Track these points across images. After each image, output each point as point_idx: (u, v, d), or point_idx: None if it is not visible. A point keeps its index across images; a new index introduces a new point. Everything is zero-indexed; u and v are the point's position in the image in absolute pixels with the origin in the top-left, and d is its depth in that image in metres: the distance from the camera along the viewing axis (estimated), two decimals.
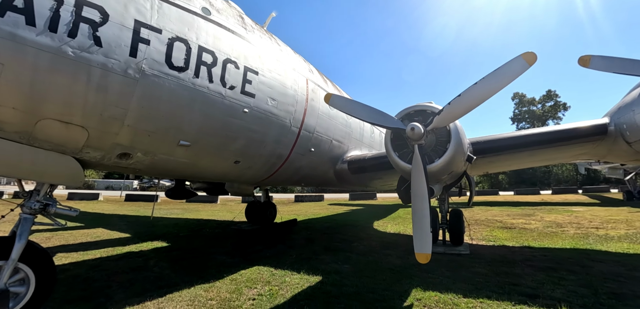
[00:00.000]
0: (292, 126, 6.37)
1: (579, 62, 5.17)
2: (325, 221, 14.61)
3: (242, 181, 7.43)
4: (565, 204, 21.08)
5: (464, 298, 4.82)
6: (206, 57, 4.60)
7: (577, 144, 7.07)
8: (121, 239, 9.61)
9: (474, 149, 7.32)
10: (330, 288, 5.42)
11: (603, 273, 6.02)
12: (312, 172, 8.13)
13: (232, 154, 5.58)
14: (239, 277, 6.09)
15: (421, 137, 4.97)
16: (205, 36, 4.63)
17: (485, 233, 10.81)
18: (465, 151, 5.75)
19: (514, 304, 4.58)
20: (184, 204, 23.91)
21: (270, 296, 5.12)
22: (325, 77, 8.51)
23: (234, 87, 4.99)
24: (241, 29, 5.35)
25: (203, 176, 6.43)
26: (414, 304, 4.68)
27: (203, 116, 4.72)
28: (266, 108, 5.62)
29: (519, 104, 62.12)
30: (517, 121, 61.81)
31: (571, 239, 9.15)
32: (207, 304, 4.81)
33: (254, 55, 5.38)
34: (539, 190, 37.01)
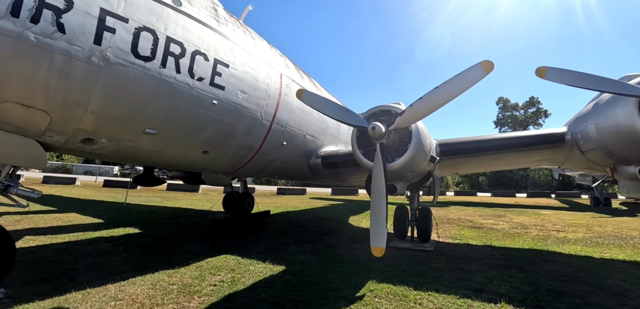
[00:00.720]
0: (264, 119, 6.56)
1: (536, 73, 5.54)
2: (303, 214, 14.92)
3: (213, 171, 7.59)
4: (536, 207, 22.11)
5: (414, 290, 5.18)
6: (174, 47, 4.74)
7: (536, 150, 7.55)
8: (93, 225, 9.63)
9: (441, 150, 7.73)
10: (290, 277, 5.70)
11: (551, 273, 6.48)
12: (285, 165, 8.36)
13: (201, 144, 5.75)
14: (205, 264, 6.30)
15: (382, 136, 5.27)
16: (174, 27, 4.76)
17: (454, 231, 11.32)
18: (427, 151, 6.09)
19: (459, 297, 4.95)
20: (164, 193, 23.78)
21: (231, 282, 5.36)
22: (303, 72, 8.71)
23: (202, 78, 5.14)
24: (213, 21, 5.48)
25: (172, 164, 6.58)
26: (366, 294, 5.00)
27: (170, 105, 4.87)
28: (236, 100, 5.80)
29: (502, 109, 64.37)
30: (500, 125, 63.89)
31: (532, 240, 9.73)
32: (168, 288, 5.01)
33: (225, 47, 5.53)
34: (515, 193, 38.70)
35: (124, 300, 4.54)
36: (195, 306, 4.45)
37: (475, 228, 12.09)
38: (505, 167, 10.17)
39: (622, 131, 5.53)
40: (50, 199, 15.12)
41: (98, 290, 4.80)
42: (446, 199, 31.09)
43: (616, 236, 10.45)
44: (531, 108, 62.38)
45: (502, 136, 7.78)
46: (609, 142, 5.93)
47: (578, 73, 5.29)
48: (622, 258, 7.77)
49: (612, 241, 9.48)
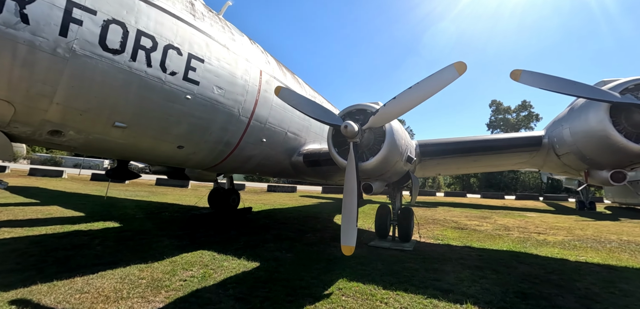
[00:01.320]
0: (242, 115, 6.59)
1: (511, 76, 5.61)
2: (290, 211, 14.96)
3: (190, 166, 7.61)
4: (522, 209, 22.40)
5: (382, 289, 5.24)
6: (145, 41, 4.74)
7: (515, 152, 7.65)
8: (73, 218, 9.60)
9: (421, 151, 7.80)
10: (262, 273, 5.75)
11: (523, 275, 6.57)
12: (266, 162, 8.39)
13: (175, 138, 5.76)
14: (179, 259, 6.32)
15: (355, 135, 5.32)
16: (146, 20, 4.76)
17: (437, 231, 11.43)
18: (402, 151, 6.15)
19: (426, 297, 5.01)
20: (152, 187, 23.68)
21: (201, 278, 5.39)
22: (286, 69, 8.73)
23: (175, 73, 5.15)
24: (189, 15, 5.48)
25: (146, 159, 6.58)
26: (334, 292, 5.05)
27: (140, 99, 4.87)
28: (212, 96, 5.81)
29: (495, 112, 65.24)
30: (492, 127, 64.70)
31: (512, 242, 9.86)
32: (136, 282, 5.04)
33: (200, 42, 5.54)
34: (504, 195, 39.35)
35: (90, 293, 4.56)
36: (160, 301, 4.48)
37: (458, 229, 12.22)
38: (486, 169, 10.29)
39: (594, 136, 5.62)
40: (34, 192, 15.03)
41: (65, 282, 4.81)
42: (435, 200, 31.31)
43: (595, 239, 10.62)
44: (523, 112, 63.20)
45: (481, 138, 7.86)
46: (582, 147, 6.03)
47: (552, 77, 5.37)
48: (597, 261, 7.92)
49: (590, 245, 9.64)
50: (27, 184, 19.22)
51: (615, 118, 5.40)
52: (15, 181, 19.18)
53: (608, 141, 5.37)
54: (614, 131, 5.24)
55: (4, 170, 24.38)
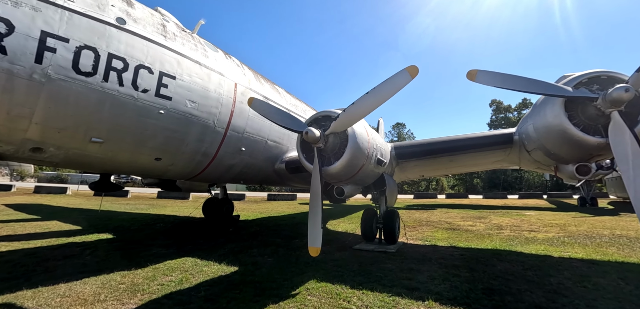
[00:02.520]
0: (217, 126, 7.01)
1: (467, 77, 5.86)
2: (283, 219, 15.30)
3: (170, 177, 8.04)
4: (523, 208, 22.16)
5: (349, 289, 5.47)
6: (116, 63, 5.22)
7: (489, 151, 7.83)
8: (70, 231, 10.16)
9: (396, 153, 8.07)
10: (237, 277, 6.09)
11: (499, 272, 6.66)
12: (249, 171, 8.78)
13: (152, 151, 6.21)
14: (162, 266, 6.72)
15: (317, 140, 5.65)
16: (117, 44, 5.24)
17: (427, 233, 11.56)
18: (368, 154, 6.44)
19: (390, 295, 5.20)
20: (153, 200, 24.39)
21: (179, 282, 5.76)
22: (263, 79, 9.16)
23: (147, 90, 5.61)
24: (160, 36, 5.96)
25: (126, 170, 7.04)
26: (301, 292, 5.34)
27: (114, 116, 5.33)
28: (185, 110, 6.25)
29: (495, 111, 64.78)
30: (493, 127, 64.11)
31: (500, 240, 9.93)
32: (116, 287, 5.44)
33: (171, 61, 6.00)
34: (507, 194, 38.96)
35: (70, 297, 4.98)
36: (134, 303, 4.86)
37: (450, 230, 12.31)
38: (465, 169, 10.42)
39: (553, 131, 5.81)
40: (37, 209, 15.82)
41: (49, 289, 5.25)
42: (435, 202, 31.13)
43: (587, 235, 10.59)
44: (524, 110, 62.44)
45: (453, 138, 8.07)
46: (545, 142, 6.21)
47: (507, 75, 5.60)
48: (580, 256, 7.97)
49: (579, 240, 9.64)
50: (31, 201, 20.13)
51: (571, 112, 5.58)
52: (20, 199, 20.17)
53: (566, 135, 5.54)
54: (569, 125, 5.42)
55: (10, 189, 25.57)
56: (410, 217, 16.14)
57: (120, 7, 5.50)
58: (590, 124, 5.51)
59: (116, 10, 5.42)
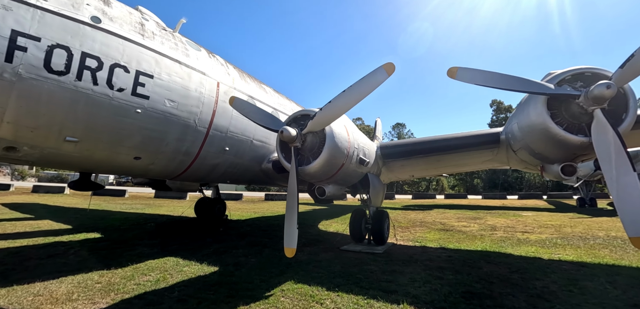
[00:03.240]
0: (199, 126, 6.98)
1: (448, 74, 5.76)
2: (276, 219, 15.27)
3: (152, 176, 8.05)
4: (521, 208, 21.92)
5: (325, 291, 5.39)
6: (90, 62, 5.21)
7: (476, 150, 7.71)
8: (59, 230, 10.23)
9: (382, 152, 7.98)
10: (215, 277, 6.05)
11: (484, 274, 6.52)
12: (234, 170, 8.75)
13: (130, 150, 6.20)
14: (143, 266, 6.71)
15: (294, 139, 5.60)
16: (91, 43, 5.24)
17: (419, 234, 11.45)
18: (348, 153, 6.36)
19: (365, 297, 5.10)
20: (150, 199, 24.52)
21: (155, 282, 5.75)
22: (249, 78, 9.13)
23: (123, 89, 5.60)
24: (138, 35, 5.95)
25: (104, 169, 7.04)
26: (275, 293, 5.28)
27: (89, 115, 5.33)
28: (164, 109, 6.24)
29: (496, 111, 64.32)
30: (493, 127, 63.26)
31: (491, 242, 9.79)
32: (92, 286, 5.44)
33: (149, 60, 5.99)
34: (506, 195, 38.58)
35: (43, 296, 4.98)
36: (106, 302, 4.84)
37: (443, 231, 12.18)
38: (453, 170, 10.29)
39: (536, 129, 5.68)
40: (32, 208, 15.98)
41: (24, 287, 5.26)
42: (433, 203, 30.91)
43: (581, 236, 10.39)
44: None
45: (440, 137, 7.95)
46: (529, 142, 6.08)
47: (487, 72, 5.49)
48: (570, 258, 7.82)
49: (572, 242, 9.46)
50: (28, 201, 20.36)
51: (554, 111, 5.45)
52: (17, 199, 20.42)
53: (548, 134, 5.42)
54: (552, 124, 5.29)
55: (8, 188, 25.92)
56: (405, 218, 16.02)
57: (96, 6, 5.50)
58: (574, 123, 5.38)
59: (91, 9, 5.41)
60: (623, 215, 4.38)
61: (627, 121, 5.04)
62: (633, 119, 5.04)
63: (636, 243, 4.32)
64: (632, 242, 4.35)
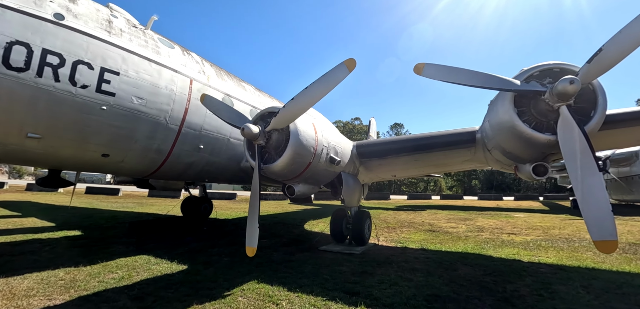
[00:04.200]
0: (170, 124, 6.99)
1: (414, 70, 5.67)
2: (264, 219, 15.22)
3: (125, 173, 8.07)
4: (514, 210, 21.72)
5: (286, 291, 5.32)
6: (52, 58, 5.23)
7: (454, 150, 7.60)
8: (41, 228, 10.31)
9: (358, 151, 7.93)
10: (181, 276, 6.04)
11: (457, 277, 6.38)
12: (212, 169, 8.75)
13: (97, 147, 6.22)
14: (113, 263, 6.72)
15: (256, 137, 5.58)
16: (53, 39, 5.26)
17: (404, 234, 11.35)
18: (316, 152, 6.29)
19: (324, 299, 5.00)
20: (144, 198, 24.67)
21: (119, 279, 5.75)
22: (227, 75, 9.12)
23: (86, 86, 5.62)
24: (104, 32, 5.97)
25: (72, 166, 7.04)
26: (235, 292, 5.24)
27: (51, 111, 5.35)
28: (131, 106, 6.25)
29: None
30: None
31: (475, 243, 9.67)
32: (54, 283, 5.46)
33: (115, 57, 6.00)
34: (502, 196, 38.36)
35: (2, 291, 5.02)
36: (63, 299, 4.85)
37: (430, 231, 12.07)
38: (433, 170, 10.19)
39: (504, 127, 5.58)
40: (21, 206, 16.18)
41: None
42: (427, 203, 30.71)
43: (567, 238, 10.22)
44: None
45: (416, 136, 7.87)
46: (500, 140, 5.98)
47: (453, 68, 5.40)
48: (551, 261, 7.69)
49: (556, 244, 9.31)
50: (20, 198, 20.61)
51: (523, 108, 5.35)
52: (9, 196, 20.69)
53: (516, 132, 5.31)
54: (518, 122, 5.18)
55: (2, 186, 26.28)
56: (395, 219, 15.91)
57: (60, 3, 5.52)
58: (542, 121, 5.27)
59: (55, 6, 5.44)
60: (587, 218, 4.27)
61: (594, 119, 4.90)
62: (601, 117, 4.91)
63: (600, 247, 4.19)
64: (596, 246, 4.22)
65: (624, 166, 20.35)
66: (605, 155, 19.35)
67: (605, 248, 4.14)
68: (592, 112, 4.98)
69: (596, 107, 4.93)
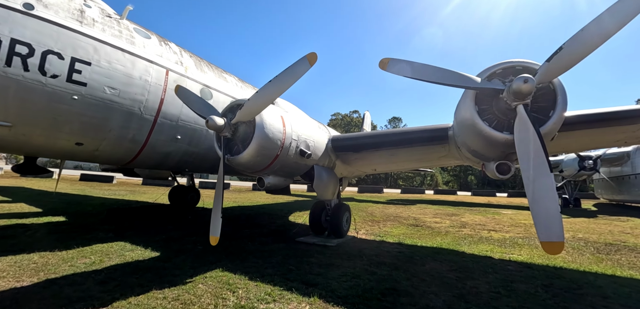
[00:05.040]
0: (145, 113, 7.15)
1: (379, 65, 5.67)
2: (252, 209, 15.50)
3: (102, 161, 8.27)
4: (504, 206, 21.86)
5: (247, 279, 5.47)
6: (20, 48, 5.38)
7: (427, 145, 7.68)
8: (27, 213, 10.60)
9: (333, 145, 8.04)
10: (150, 262, 6.25)
11: (422, 272, 6.42)
12: (191, 159, 8.93)
13: (69, 135, 6.40)
14: (88, 249, 6.96)
15: (221, 129, 5.72)
16: (21, 29, 5.40)
17: (386, 228, 11.53)
18: (284, 144, 6.39)
19: (280, 288, 5.13)
20: (137, 186, 25.03)
21: (90, 264, 5.98)
22: (207, 65, 9.22)
23: (57, 76, 5.77)
24: (75, 22, 6.09)
25: (47, 154, 7.23)
26: (196, 280, 5.44)
27: (20, 100, 5.52)
28: (104, 96, 6.41)
29: None
30: None
31: (452, 239, 9.82)
32: (26, 266, 5.70)
33: (86, 47, 6.14)
34: (495, 192, 38.41)
35: None
36: (31, 281, 5.09)
37: (413, 226, 12.23)
38: (413, 165, 10.22)
39: (467, 125, 5.62)
40: (13, 192, 16.57)
41: None
42: (419, 198, 30.95)
43: None
44: None
45: (390, 132, 7.97)
46: (465, 138, 6.05)
47: (417, 64, 5.40)
48: (521, 259, 7.80)
49: (533, 242, 9.42)
50: (15, 184, 21.04)
51: (485, 106, 5.39)
52: (3, 182, 21.13)
53: (476, 130, 5.35)
54: (478, 120, 5.22)
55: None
56: (383, 212, 16.09)
57: None
58: (504, 119, 5.32)
59: None
60: (536, 218, 4.30)
61: (552, 119, 4.88)
62: (560, 118, 4.90)
63: (547, 248, 4.19)
64: (543, 247, 4.22)
65: (616, 166, 20.29)
66: (596, 155, 19.29)
67: (552, 249, 4.16)
68: (551, 112, 5.01)
69: (555, 107, 4.95)
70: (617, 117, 6.10)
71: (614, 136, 7.14)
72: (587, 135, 6.58)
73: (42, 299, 4.48)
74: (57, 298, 4.55)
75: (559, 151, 8.08)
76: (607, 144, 8.15)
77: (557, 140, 7.45)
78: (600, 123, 6.30)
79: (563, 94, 4.99)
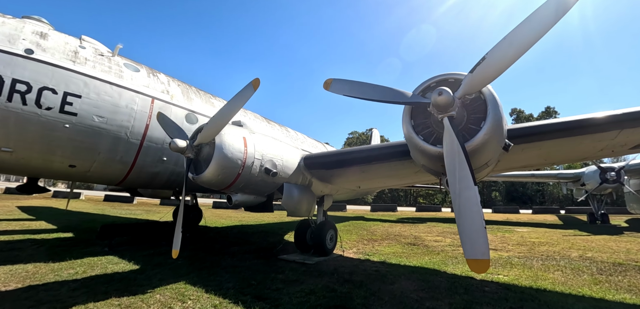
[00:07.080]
0: (131, 138, 8.19)
1: (324, 86, 6.14)
2: (248, 227, 16.18)
3: (95, 181, 9.36)
4: (522, 223, 20.61)
5: (202, 292, 5.99)
6: (20, 86, 6.61)
7: (396, 161, 7.86)
8: (43, 229, 12.15)
9: (305, 163, 8.54)
10: (125, 274, 7.07)
11: (387, 291, 6.43)
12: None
13: (63, 158, 7.54)
14: (79, 261, 7.95)
15: (184, 151, 6.50)
16: (21, 71, 6.65)
17: (379, 247, 11.63)
18: (247, 163, 7.01)
19: (230, 301, 5.63)
20: (155, 207, 26.87)
21: (74, 274, 6.93)
22: (195, 93, 10.25)
23: (51, 108, 6.95)
24: (69, 62, 7.32)
25: (45, 174, 8.40)
26: (158, 290, 6.06)
27: (20, 129, 6.73)
28: (93, 124, 7.52)
29: (516, 120, 62.14)
30: None
31: (441, 257, 9.75)
32: (17, 274, 6.76)
33: (77, 82, 7.32)
34: (519, 209, 36.13)
35: None
36: (16, 286, 6.08)
37: (408, 245, 12.17)
38: (392, 183, 10.29)
39: (407, 140, 5.56)
40: (40, 211, 18.77)
41: None
42: (433, 216, 29.87)
43: (549, 256, 9.84)
44: (547, 118, 58.03)
45: (358, 148, 8.26)
46: (412, 153, 6.20)
47: (355, 83, 5.78)
48: (504, 280, 7.63)
49: (528, 263, 9.06)
50: (45, 204, 23.64)
51: (421, 120, 5.54)
52: (34, 202, 23.85)
53: (413, 144, 5.45)
54: (413, 134, 5.32)
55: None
56: (386, 231, 16.02)
57: (31, 40, 6.95)
58: (440, 133, 5.43)
59: (26, 43, 6.86)
60: (462, 235, 4.30)
61: (482, 130, 4.89)
62: (492, 128, 4.87)
63: (472, 266, 4.15)
64: (469, 265, 4.17)
65: None
66: (619, 166, 17.72)
67: (477, 268, 4.11)
68: (482, 123, 5.07)
69: (486, 118, 4.99)
70: (577, 126, 6.01)
71: (593, 146, 6.90)
72: (557, 145, 6.46)
73: (17, 300, 5.40)
74: (30, 300, 5.44)
75: (539, 164, 8.01)
76: (593, 155, 7.87)
77: (527, 151, 7.42)
78: (563, 133, 6.22)
79: (494, 104, 4.93)
